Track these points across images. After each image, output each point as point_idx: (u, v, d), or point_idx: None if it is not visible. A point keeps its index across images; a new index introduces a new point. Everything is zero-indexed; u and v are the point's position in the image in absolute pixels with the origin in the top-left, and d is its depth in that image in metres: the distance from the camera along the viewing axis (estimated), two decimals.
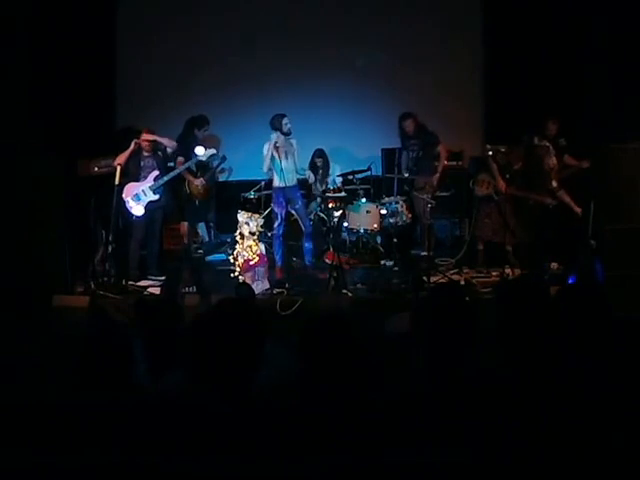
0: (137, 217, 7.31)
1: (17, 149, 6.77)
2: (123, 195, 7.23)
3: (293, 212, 7.60)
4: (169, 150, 7.58)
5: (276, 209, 7.36)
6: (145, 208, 7.31)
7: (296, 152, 7.38)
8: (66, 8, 8.04)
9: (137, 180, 7.34)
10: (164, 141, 7.49)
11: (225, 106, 9.08)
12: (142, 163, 7.39)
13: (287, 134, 7.19)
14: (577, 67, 8.19)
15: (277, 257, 7.36)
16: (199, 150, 7.61)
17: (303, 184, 8.16)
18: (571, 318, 2.80)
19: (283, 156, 7.19)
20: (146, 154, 7.40)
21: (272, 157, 7.16)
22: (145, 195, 7.32)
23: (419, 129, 7.89)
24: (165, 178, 7.42)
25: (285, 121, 7.20)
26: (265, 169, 7.32)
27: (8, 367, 2.97)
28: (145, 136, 7.39)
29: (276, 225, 7.36)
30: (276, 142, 7.11)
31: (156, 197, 7.37)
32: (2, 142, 6.68)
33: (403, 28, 9.13)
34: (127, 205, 7.26)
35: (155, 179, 7.38)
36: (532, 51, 8.31)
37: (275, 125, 7.19)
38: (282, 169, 7.13)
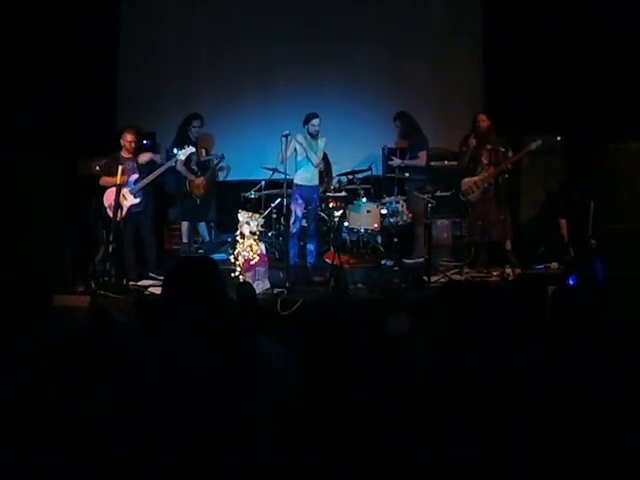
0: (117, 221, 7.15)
1: (17, 149, 6.77)
2: (104, 202, 7.12)
3: (306, 212, 7.52)
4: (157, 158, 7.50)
5: (292, 206, 7.29)
6: (127, 212, 7.19)
7: (320, 152, 7.34)
8: (67, 8, 8.04)
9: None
10: (156, 158, 7.42)
11: (225, 106, 9.09)
12: (123, 166, 7.22)
13: (312, 135, 7.18)
14: (577, 67, 8.19)
15: (290, 256, 7.22)
16: (176, 150, 7.56)
17: None
18: (572, 319, 2.81)
19: (305, 154, 7.18)
20: (126, 156, 7.25)
21: (295, 153, 7.14)
22: (125, 199, 7.19)
23: (410, 130, 7.93)
24: (145, 181, 7.26)
25: (316, 122, 7.20)
26: (279, 162, 7.27)
27: (8, 367, 2.97)
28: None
29: (291, 223, 7.30)
30: (298, 139, 7.09)
31: (137, 201, 7.24)
32: (2, 142, 6.67)
33: (404, 28, 9.14)
34: (107, 211, 7.13)
35: (135, 182, 7.25)
36: (532, 51, 8.32)
37: (305, 122, 7.22)
38: (301, 167, 7.13)
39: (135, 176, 7.28)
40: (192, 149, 7.62)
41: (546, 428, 2.19)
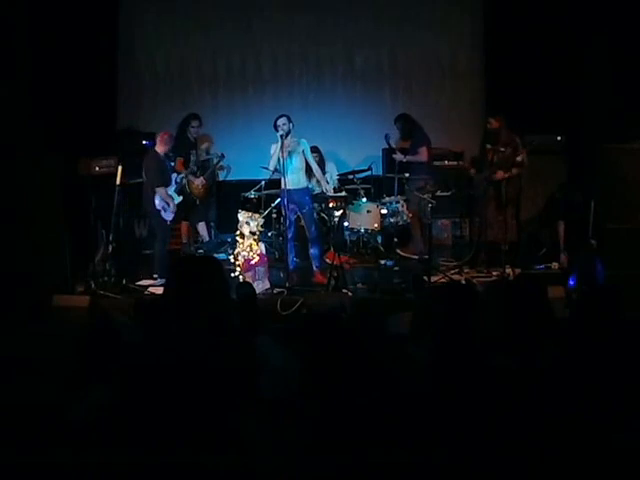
0: (170, 221, 7.37)
1: (18, 149, 6.76)
2: (157, 206, 7.18)
3: (300, 216, 7.41)
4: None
5: (283, 211, 7.13)
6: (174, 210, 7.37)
7: (305, 153, 7.18)
8: (67, 7, 8.04)
9: (167, 185, 7.33)
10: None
11: (225, 106, 9.10)
12: (168, 167, 7.42)
13: (282, 135, 6.88)
14: (577, 67, 8.20)
15: (289, 261, 7.09)
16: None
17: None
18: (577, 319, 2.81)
19: (287, 156, 6.94)
20: (163, 154, 7.36)
21: (278, 158, 6.93)
22: (173, 199, 7.33)
23: (411, 131, 7.96)
24: (183, 179, 7.55)
25: (281, 122, 6.95)
26: (271, 167, 7.24)
27: (8, 367, 2.97)
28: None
29: (285, 228, 7.13)
30: (280, 142, 6.91)
31: (180, 198, 7.43)
32: (3, 142, 6.67)
33: (404, 28, 9.14)
34: (162, 212, 7.24)
35: (175, 181, 7.46)
36: (532, 51, 8.32)
37: (274, 126, 7.09)
38: (284, 170, 6.89)
39: (175, 175, 7.52)
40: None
41: (546, 429, 2.19)
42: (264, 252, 6.96)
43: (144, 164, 7.21)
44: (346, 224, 7.79)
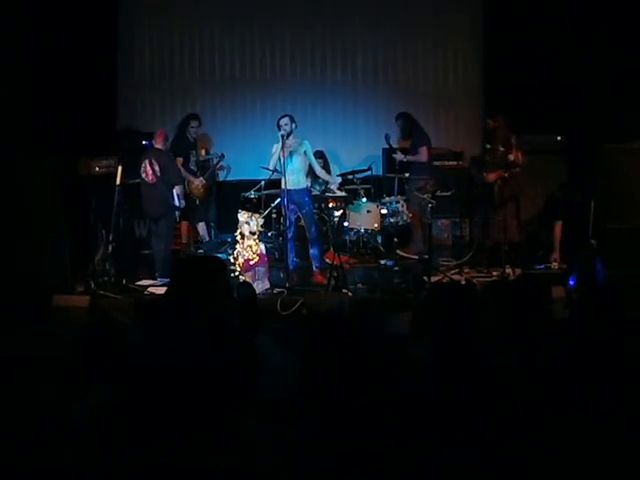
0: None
1: (18, 149, 6.76)
2: (176, 202, 7.25)
3: (300, 216, 7.36)
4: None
5: (283, 211, 7.09)
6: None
7: (307, 154, 7.12)
8: (67, 7, 8.04)
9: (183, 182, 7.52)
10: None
11: (225, 106, 9.10)
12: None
13: (283, 135, 6.83)
14: (577, 67, 8.20)
15: (289, 261, 7.05)
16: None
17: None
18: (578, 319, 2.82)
19: (287, 156, 6.88)
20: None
21: (278, 157, 6.87)
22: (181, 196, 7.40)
23: (411, 130, 7.96)
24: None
25: (283, 122, 6.91)
26: (271, 167, 7.21)
27: (8, 367, 2.97)
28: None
29: (285, 228, 7.08)
30: (282, 142, 6.84)
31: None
32: (3, 142, 6.67)
33: (404, 28, 9.14)
34: (178, 210, 7.36)
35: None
36: (532, 51, 8.32)
37: (277, 125, 7.07)
38: (284, 170, 6.82)
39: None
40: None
41: (546, 429, 2.19)
42: (264, 252, 6.95)
43: (157, 163, 7.10)
44: (346, 224, 7.80)
